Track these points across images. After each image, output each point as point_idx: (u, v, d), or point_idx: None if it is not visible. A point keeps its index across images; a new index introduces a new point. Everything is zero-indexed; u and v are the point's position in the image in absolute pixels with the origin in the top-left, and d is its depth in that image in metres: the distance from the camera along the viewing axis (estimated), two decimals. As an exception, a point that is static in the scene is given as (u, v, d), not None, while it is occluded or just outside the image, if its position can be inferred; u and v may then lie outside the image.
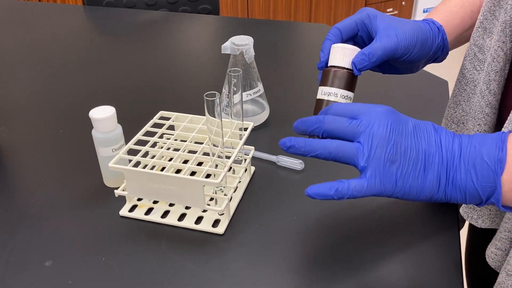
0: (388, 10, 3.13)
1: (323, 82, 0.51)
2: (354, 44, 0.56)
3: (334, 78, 0.50)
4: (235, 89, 0.63)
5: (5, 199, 0.66)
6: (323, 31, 1.27)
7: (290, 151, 0.46)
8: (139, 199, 0.64)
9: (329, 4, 2.93)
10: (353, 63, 0.51)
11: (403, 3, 3.17)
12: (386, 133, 0.43)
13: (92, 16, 1.43)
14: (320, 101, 0.51)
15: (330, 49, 0.53)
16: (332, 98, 0.50)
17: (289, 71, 1.05)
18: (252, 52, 0.76)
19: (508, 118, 0.48)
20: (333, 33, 0.54)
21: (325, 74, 0.51)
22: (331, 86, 0.50)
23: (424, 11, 3.26)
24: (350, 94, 0.51)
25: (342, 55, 0.51)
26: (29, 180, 0.70)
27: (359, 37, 0.56)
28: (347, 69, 0.51)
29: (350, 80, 0.51)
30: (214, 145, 0.59)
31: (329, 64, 0.52)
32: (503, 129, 0.49)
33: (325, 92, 0.51)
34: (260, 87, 0.80)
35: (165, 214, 0.62)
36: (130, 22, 1.35)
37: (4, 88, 0.97)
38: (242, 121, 0.64)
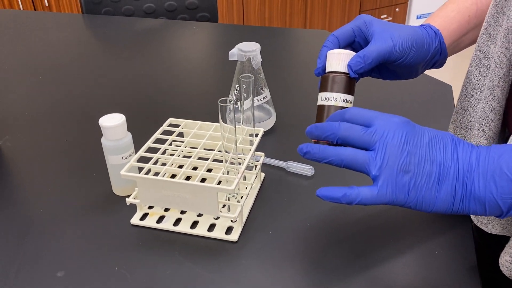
0: (382, 16, 3.15)
1: (322, 88, 0.52)
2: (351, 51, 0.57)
3: (333, 83, 0.51)
4: (245, 95, 0.63)
5: (13, 209, 0.65)
6: (323, 37, 1.27)
7: (306, 157, 0.47)
8: (150, 207, 0.64)
9: (324, 10, 2.95)
10: (349, 65, 0.51)
11: (397, 9, 3.19)
12: (400, 143, 0.43)
13: (91, 25, 1.42)
14: (321, 107, 0.51)
15: (326, 56, 0.53)
16: (332, 103, 0.51)
17: (291, 77, 1.05)
18: (259, 58, 0.76)
19: None
20: (330, 40, 0.55)
21: (324, 80, 0.52)
22: (331, 91, 0.51)
23: (417, 17, 3.29)
24: (350, 97, 0.51)
25: (338, 60, 0.51)
26: (36, 190, 0.69)
27: (357, 43, 0.57)
28: (344, 73, 0.51)
29: (349, 84, 0.51)
30: (226, 152, 0.58)
31: (326, 71, 0.53)
32: (510, 140, 0.49)
33: (325, 98, 0.51)
34: (267, 93, 0.80)
35: (177, 222, 0.62)
36: (129, 30, 1.35)
37: (7, 98, 0.97)
38: (253, 127, 0.63)
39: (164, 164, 0.66)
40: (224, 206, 0.63)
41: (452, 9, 0.60)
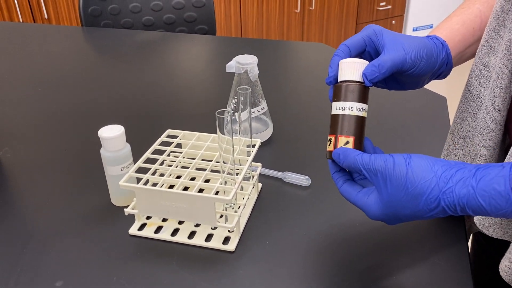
0: (379, 29, 3.18)
1: (337, 98, 0.52)
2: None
3: (347, 92, 0.51)
4: (242, 106, 0.64)
5: (12, 220, 0.65)
6: (320, 49, 1.29)
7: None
8: (148, 218, 0.64)
9: (321, 24, 2.98)
10: (364, 74, 0.51)
11: (393, 22, 3.23)
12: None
13: (90, 37, 1.44)
14: (336, 116, 0.51)
15: (338, 65, 0.53)
16: (347, 112, 0.50)
17: (288, 89, 1.06)
18: (256, 71, 0.77)
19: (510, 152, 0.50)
20: (341, 49, 0.55)
21: (337, 89, 0.52)
22: (345, 100, 0.51)
23: (414, 30, 3.33)
24: (365, 106, 0.51)
25: (352, 69, 0.51)
26: (35, 201, 0.69)
27: (367, 53, 0.57)
28: (358, 82, 0.51)
29: (363, 93, 0.51)
30: (224, 162, 0.59)
31: (339, 80, 0.52)
32: (510, 152, 0.50)
33: (340, 107, 0.51)
34: (264, 105, 0.81)
35: (175, 232, 0.62)
36: (128, 42, 1.37)
37: (6, 109, 0.97)
38: (251, 138, 0.64)
39: (162, 175, 0.67)
40: (221, 216, 0.64)
41: (456, 21, 0.61)
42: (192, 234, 0.62)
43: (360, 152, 0.49)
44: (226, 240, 0.61)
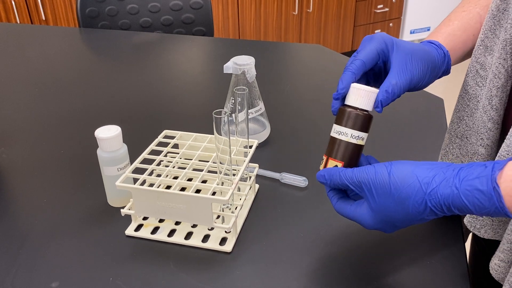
0: (376, 31, 3.19)
1: (338, 120, 0.52)
2: (370, 71, 0.57)
3: (348, 118, 0.51)
4: (239, 107, 0.64)
5: (8, 221, 0.65)
6: (317, 51, 1.29)
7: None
8: (144, 218, 0.64)
9: (318, 25, 2.99)
10: (379, 102, 0.51)
11: (391, 24, 3.24)
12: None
13: (88, 38, 1.44)
14: (333, 139, 0.52)
15: (349, 81, 0.52)
16: (343, 138, 0.51)
17: (286, 90, 1.06)
18: (253, 72, 0.77)
19: (505, 142, 0.50)
20: (356, 65, 0.53)
21: (340, 112, 0.52)
22: (344, 126, 0.51)
23: (411, 32, 3.33)
24: (362, 134, 0.51)
25: (358, 96, 0.51)
26: (31, 202, 0.69)
27: (377, 65, 0.56)
28: (360, 109, 0.51)
29: (363, 122, 0.51)
30: (221, 163, 0.59)
31: (345, 102, 0.52)
32: (504, 143, 0.50)
33: (337, 131, 0.51)
34: (261, 106, 0.81)
35: (172, 233, 0.62)
36: (126, 43, 1.36)
37: (3, 109, 0.97)
38: (248, 138, 0.64)
39: (159, 175, 0.67)
40: (218, 217, 0.64)
41: (458, 27, 0.61)
42: (189, 235, 0.62)
43: (343, 168, 0.50)
44: (223, 241, 0.61)
